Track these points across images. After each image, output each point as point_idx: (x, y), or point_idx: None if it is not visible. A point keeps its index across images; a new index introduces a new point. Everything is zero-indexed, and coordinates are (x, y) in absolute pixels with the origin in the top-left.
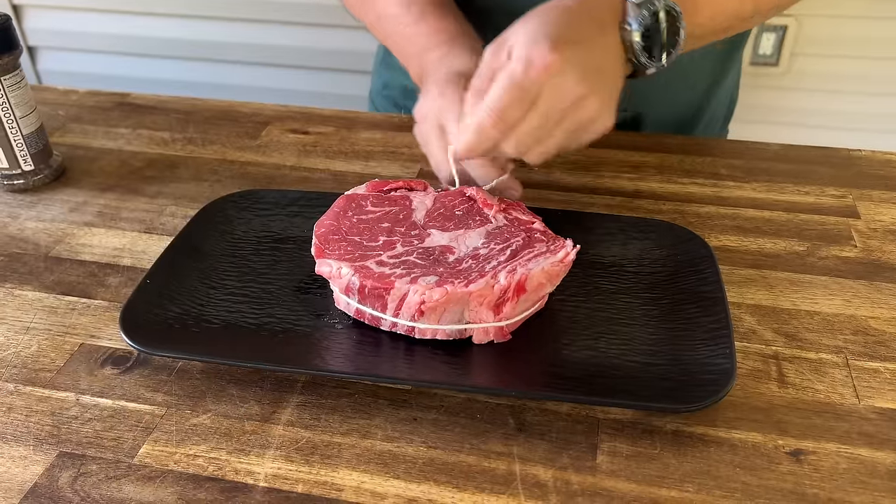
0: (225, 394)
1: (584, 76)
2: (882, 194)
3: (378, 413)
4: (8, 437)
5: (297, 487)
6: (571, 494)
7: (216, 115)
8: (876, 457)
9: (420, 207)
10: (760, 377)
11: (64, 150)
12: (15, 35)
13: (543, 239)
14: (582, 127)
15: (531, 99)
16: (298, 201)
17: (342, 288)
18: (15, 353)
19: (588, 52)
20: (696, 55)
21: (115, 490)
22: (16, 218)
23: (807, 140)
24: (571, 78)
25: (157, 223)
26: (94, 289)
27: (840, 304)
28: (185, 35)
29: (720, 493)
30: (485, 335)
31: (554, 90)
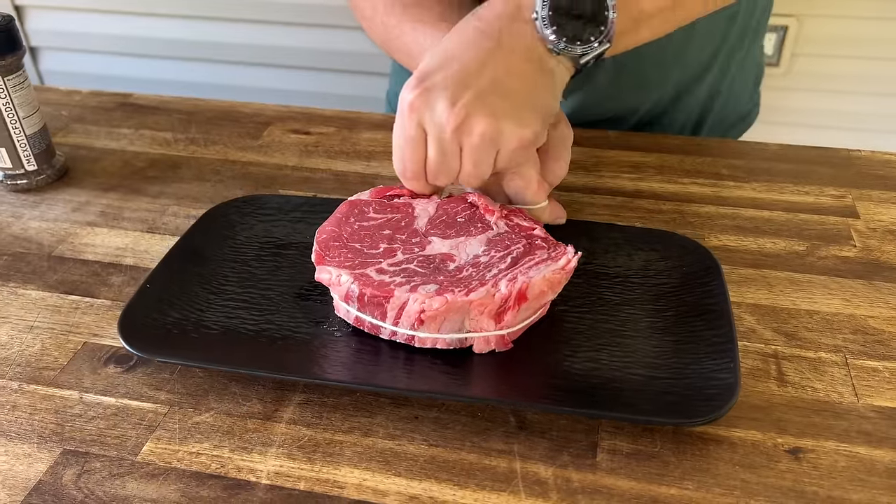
0: (227, 392)
1: (453, 99)
2: (881, 194)
3: (379, 411)
4: (12, 434)
5: (299, 485)
6: (572, 492)
7: (218, 115)
8: (874, 455)
9: (422, 214)
10: (760, 376)
11: (67, 150)
12: (18, 35)
13: (544, 245)
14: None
15: (418, 141)
16: (301, 207)
17: (342, 295)
18: (19, 351)
19: (463, 73)
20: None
21: (119, 487)
22: (19, 218)
23: (807, 140)
24: (439, 105)
25: (159, 223)
26: (97, 288)
27: (839, 304)
28: (187, 36)
29: (719, 490)
30: (486, 344)
31: (430, 124)
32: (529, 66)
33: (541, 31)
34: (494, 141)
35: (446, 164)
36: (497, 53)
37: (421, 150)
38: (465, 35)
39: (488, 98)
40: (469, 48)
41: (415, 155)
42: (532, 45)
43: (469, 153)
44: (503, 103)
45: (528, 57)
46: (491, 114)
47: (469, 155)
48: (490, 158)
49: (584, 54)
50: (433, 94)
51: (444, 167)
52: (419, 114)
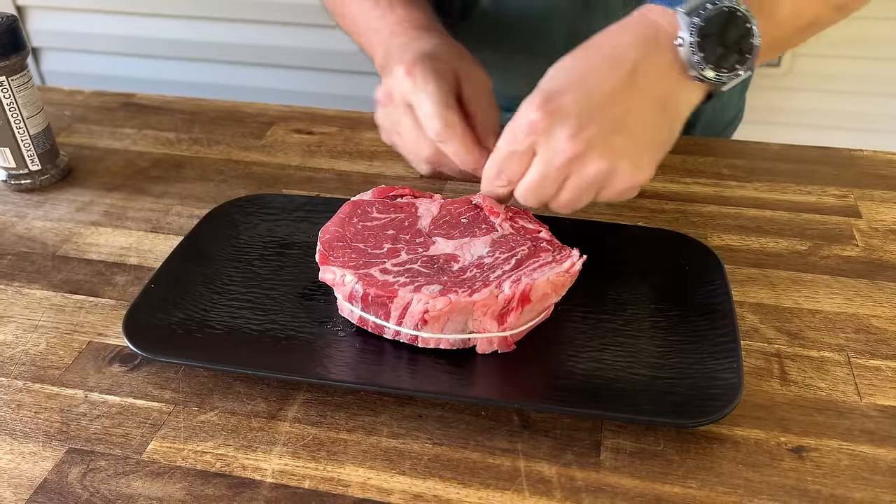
0: (232, 391)
1: (576, 132)
2: (883, 194)
3: (384, 410)
4: (18, 433)
5: (303, 483)
6: (575, 490)
7: (221, 115)
8: (877, 453)
9: (426, 215)
10: (763, 375)
11: (70, 150)
12: (22, 36)
13: (549, 248)
14: (597, 184)
15: (525, 157)
16: (305, 206)
17: (345, 295)
18: (24, 350)
19: (590, 104)
20: None
21: (124, 486)
22: (23, 217)
23: (808, 140)
24: (560, 134)
25: (163, 222)
26: (101, 287)
27: (842, 303)
28: (189, 36)
29: (723, 489)
30: (489, 345)
31: (545, 149)
32: (658, 103)
33: (686, 57)
34: (604, 182)
35: (544, 188)
36: (629, 89)
37: (524, 165)
38: (596, 60)
39: (611, 136)
40: (600, 76)
41: (515, 167)
42: (666, 77)
43: (573, 187)
44: (625, 144)
45: (660, 92)
46: (609, 154)
47: (572, 189)
48: (592, 196)
49: (727, 82)
50: (557, 119)
51: (540, 191)
52: (537, 135)
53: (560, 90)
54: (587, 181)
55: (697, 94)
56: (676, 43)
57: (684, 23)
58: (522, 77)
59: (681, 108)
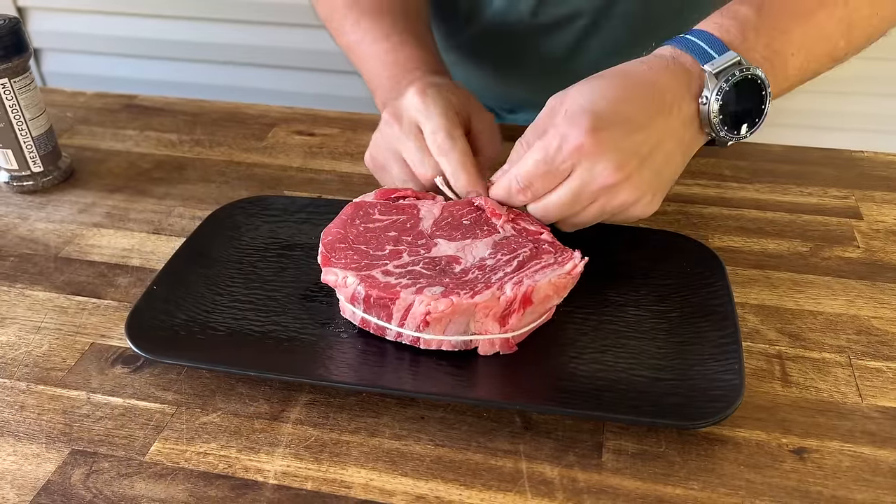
0: (234, 392)
1: (621, 164)
2: (884, 195)
3: (386, 411)
4: (21, 434)
5: (306, 485)
6: (577, 492)
7: (223, 116)
8: (878, 455)
9: (428, 216)
10: (764, 376)
11: (72, 151)
12: (24, 38)
13: (551, 250)
14: (616, 211)
15: (560, 176)
16: (307, 208)
17: (348, 297)
18: (26, 352)
19: (634, 137)
20: None
21: (127, 487)
22: (26, 219)
23: (809, 141)
24: (606, 164)
25: (165, 224)
26: (103, 289)
27: (843, 305)
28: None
29: (724, 490)
30: (490, 346)
31: (584, 173)
32: (681, 145)
33: (705, 116)
34: (625, 210)
35: (571, 209)
36: (663, 128)
37: (556, 183)
38: (638, 92)
39: (644, 172)
40: (643, 111)
41: (547, 184)
42: (691, 125)
43: (597, 211)
44: (651, 178)
45: (684, 137)
46: (639, 187)
47: (594, 212)
48: (606, 218)
49: (733, 140)
50: (606, 148)
51: (565, 210)
52: (581, 158)
53: (608, 117)
54: (611, 208)
55: (703, 142)
56: (701, 101)
57: (712, 84)
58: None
59: (693, 149)
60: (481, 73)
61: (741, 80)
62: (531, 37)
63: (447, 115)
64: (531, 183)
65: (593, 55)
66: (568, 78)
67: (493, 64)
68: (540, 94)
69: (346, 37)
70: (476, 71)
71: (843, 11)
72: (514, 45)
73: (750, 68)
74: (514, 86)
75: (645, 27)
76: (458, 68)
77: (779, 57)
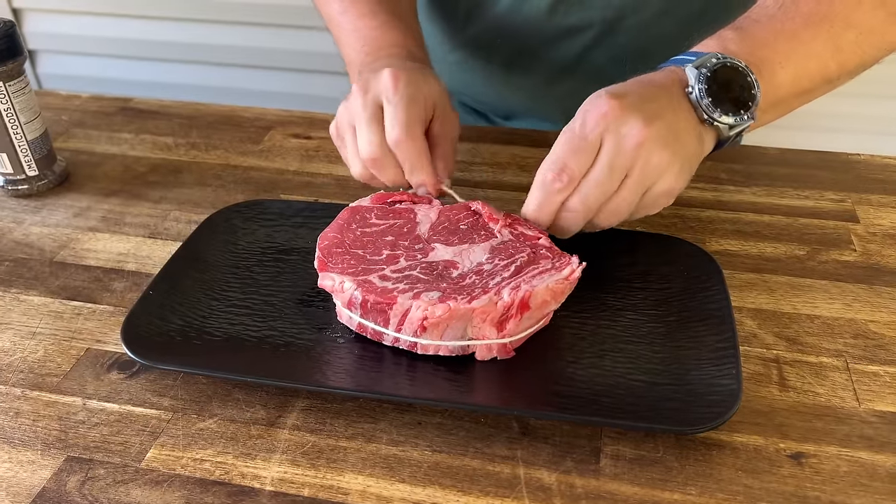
0: (231, 398)
1: (647, 119)
2: (881, 198)
3: (383, 417)
4: (16, 441)
5: (303, 491)
6: (575, 498)
7: (219, 119)
8: (876, 459)
9: (424, 221)
10: (761, 381)
11: (67, 155)
12: (19, 41)
13: (549, 255)
14: (650, 180)
15: (591, 148)
16: (303, 212)
17: (344, 302)
18: (21, 358)
19: (650, 102)
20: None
21: (123, 494)
22: (20, 223)
23: (805, 144)
24: (634, 121)
25: (161, 228)
26: (99, 294)
27: (840, 308)
28: (186, 39)
29: (722, 495)
30: (488, 351)
31: (615, 136)
32: (693, 127)
33: (696, 101)
34: (659, 174)
35: (608, 182)
36: (675, 109)
37: (590, 159)
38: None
39: (670, 135)
40: (654, 94)
41: (582, 160)
42: (692, 113)
43: (635, 180)
44: (678, 147)
45: (693, 121)
46: (670, 148)
47: (634, 182)
48: (639, 195)
49: (734, 126)
50: (631, 109)
51: (604, 186)
52: (608, 123)
53: (624, 90)
54: (647, 171)
55: (711, 138)
56: (687, 91)
57: (693, 74)
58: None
59: (705, 141)
60: (482, 76)
61: (720, 66)
62: (536, 42)
63: (411, 109)
64: (565, 164)
65: (598, 65)
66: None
67: (495, 67)
68: (540, 101)
69: (329, 6)
70: (477, 74)
71: (827, 33)
72: (518, 49)
73: (727, 58)
74: (514, 91)
75: (651, 41)
76: (458, 69)
77: (766, 65)
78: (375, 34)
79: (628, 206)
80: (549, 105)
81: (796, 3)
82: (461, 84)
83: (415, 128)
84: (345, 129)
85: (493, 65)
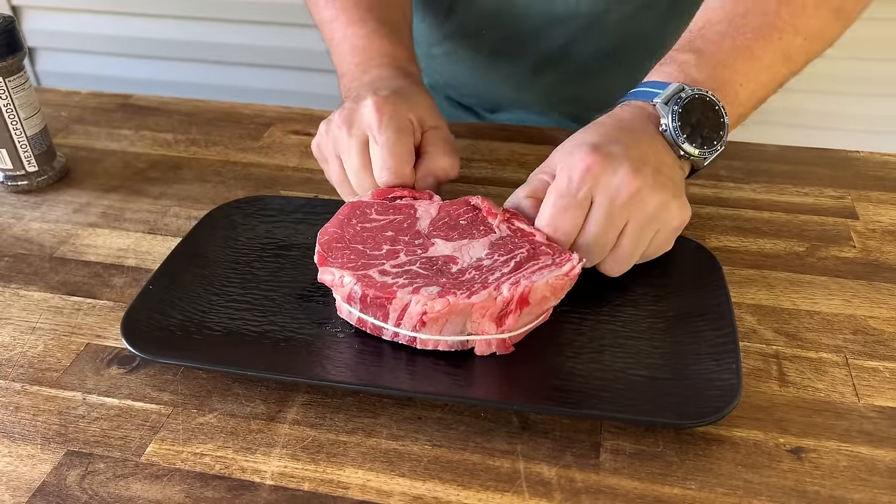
0: (231, 393)
1: (636, 168)
2: (880, 195)
3: (383, 412)
4: (16, 435)
5: (303, 485)
6: (575, 492)
7: (219, 116)
8: (875, 454)
9: (424, 216)
10: (761, 376)
11: (67, 151)
12: (19, 37)
13: (549, 251)
14: (653, 221)
15: (582, 206)
16: (303, 208)
17: (344, 297)
18: (21, 352)
19: (632, 149)
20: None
21: (123, 488)
22: (20, 219)
23: (805, 141)
24: (623, 172)
25: (161, 224)
26: (99, 289)
27: (839, 304)
28: (185, 36)
29: (722, 490)
30: (487, 347)
31: (605, 189)
32: (674, 161)
33: (672, 139)
34: (661, 218)
35: (606, 237)
36: (650, 144)
37: (581, 215)
38: (616, 127)
39: (660, 176)
40: (630, 135)
41: (572, 219)
42: (669, 150)
43: (634, 229)
44: (669, 184)
45: (670, 157)
46: (664, 189)
47: (633, 231)
48: (648, 239)
49: (708, 157)
50: (615, 160)
51: (603, 240)
52: (596, 178)
53: (603, 141)
54: (646, 218)
55: (687, 166)
56: (661, 129)
57: (664, 111)
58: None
59: (684, 168)
60: (468, 67)
61: (689, 99)
62: (522, 33)
63: (396, 148)
64: (556, 225)
65: (582, 57)
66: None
67: (481, 57)
68: (525, 92)
69: (321, 13)
70: (462, 65)
71: (777, 43)
72: (503, 38)
73: (693, 89)
74: (500, 81)
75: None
76: (443, 62)
77: (728, 86)
78: (364, 43)
79: (632, 252)
80: (534, 96)
81: (744, 16)
82: (447, 76)
83: (403, 168)
84: (330, 155)
85: (479, 55)
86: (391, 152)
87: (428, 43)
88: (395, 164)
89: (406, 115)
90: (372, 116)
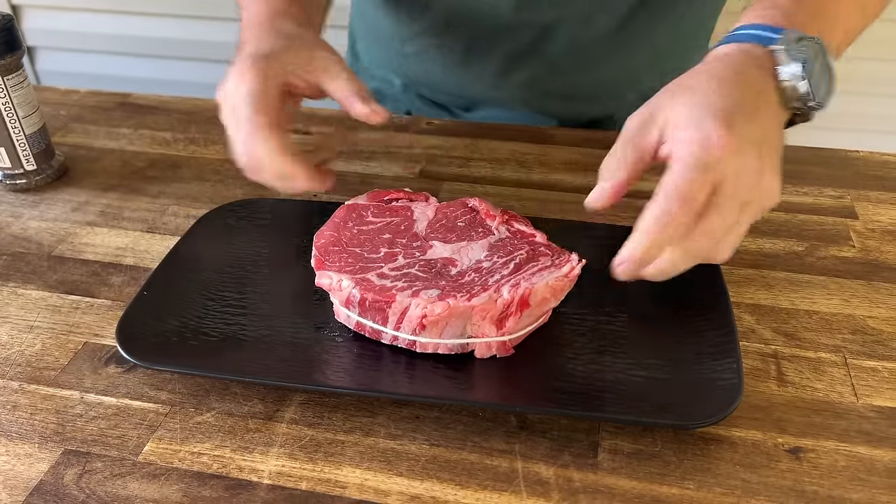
0: (228, 392)
1: (759, 150)
2: (880, 195)
3: (381, 411)
4: (13, 434)
5: (300, 485)
6: (573, 492)
7: (217, 115)
8: (874, 454)
9: (421, 218)
10: (760, 376)
11: (66, 149)
12: (18, 35)
13: (548, 252)
14: (761, 205)
15: (714, 183)
16: (299, 210)
17: (342, 300)
18: (19, 351)
19: (756, 123)
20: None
21: (120, 487)
22: (18, 217)
23: (804, 141)
24: (751, 154)
25: (159, 223)
26: (97, 288)
27: (838, 304)
28: (184, 35)
29: (720, 490)
30: (487, 349)
31: (736, 171)
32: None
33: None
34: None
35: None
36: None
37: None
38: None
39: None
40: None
41: (704, 192)
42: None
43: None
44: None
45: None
46: (777, 171)
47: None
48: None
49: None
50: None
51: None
52: (730, 156)
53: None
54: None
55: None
56: (781, 78)
57: (789, 58)
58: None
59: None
60: (439, 65)
61: (814, 49)
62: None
63: (255, 137)
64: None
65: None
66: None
67: (454, 55)
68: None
69: None
70: (433, 64)
71: None
72: (474, 38)
73: (814, 38)
74: (473, 78)
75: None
76: (415, 61)
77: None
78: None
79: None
80: (507, 93)
81: None
82: (419, 75)
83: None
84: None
85: (451, 53)
86: (249, 121)
87: (400, 41)
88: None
89: (267, 84)
90: (239, 92)
